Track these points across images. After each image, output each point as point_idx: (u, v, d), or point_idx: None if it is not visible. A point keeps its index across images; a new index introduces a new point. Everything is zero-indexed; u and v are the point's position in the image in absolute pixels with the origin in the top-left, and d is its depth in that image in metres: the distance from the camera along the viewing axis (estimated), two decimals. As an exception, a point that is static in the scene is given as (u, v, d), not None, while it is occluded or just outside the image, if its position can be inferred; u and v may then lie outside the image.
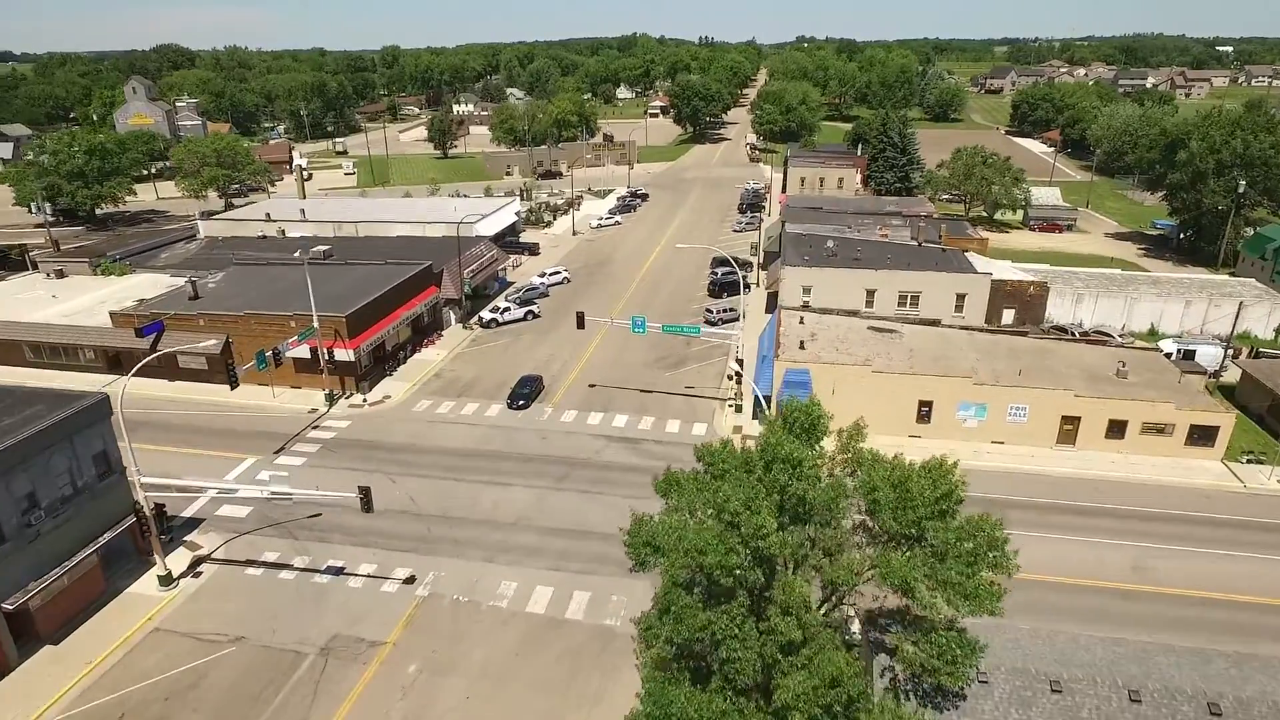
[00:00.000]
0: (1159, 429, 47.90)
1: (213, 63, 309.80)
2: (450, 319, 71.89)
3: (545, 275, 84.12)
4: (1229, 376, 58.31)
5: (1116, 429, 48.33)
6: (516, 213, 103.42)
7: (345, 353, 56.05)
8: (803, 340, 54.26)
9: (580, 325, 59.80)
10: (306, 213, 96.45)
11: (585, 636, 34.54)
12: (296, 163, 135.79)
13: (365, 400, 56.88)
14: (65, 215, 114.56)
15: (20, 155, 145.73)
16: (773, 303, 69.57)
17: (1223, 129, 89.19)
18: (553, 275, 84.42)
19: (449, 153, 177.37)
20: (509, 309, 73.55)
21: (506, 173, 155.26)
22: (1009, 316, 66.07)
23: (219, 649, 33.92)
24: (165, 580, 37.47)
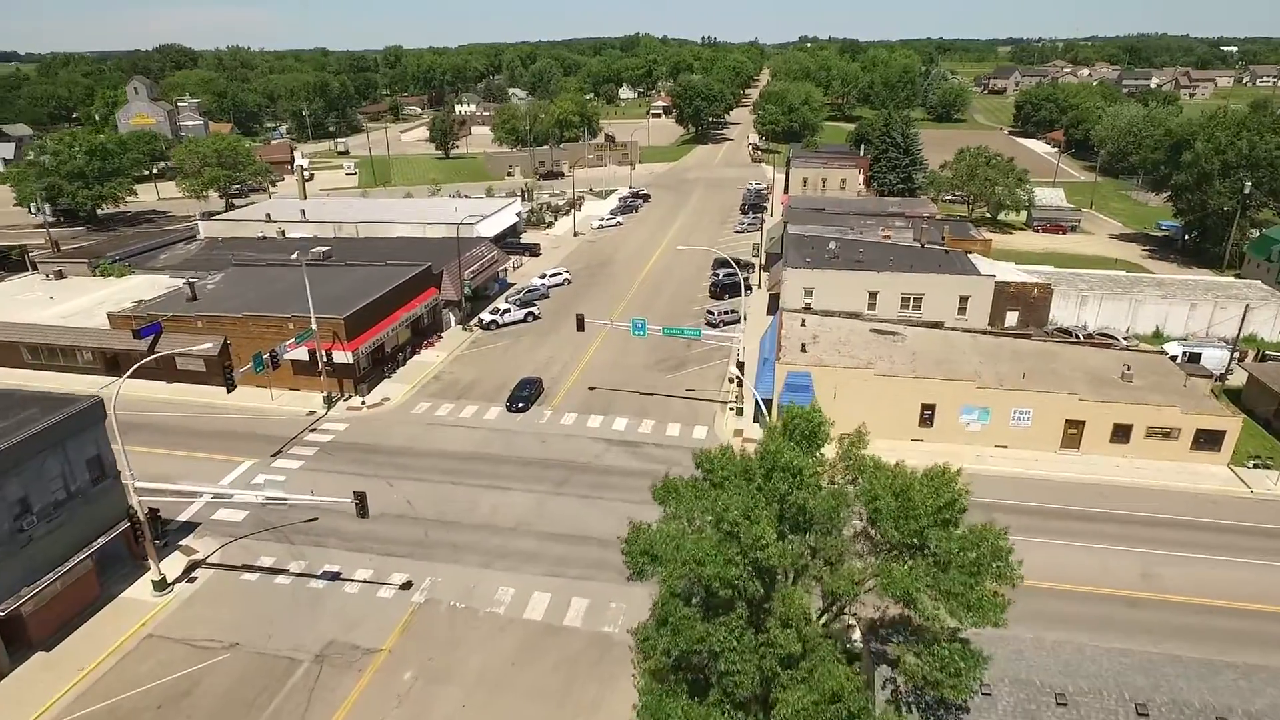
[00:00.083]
0: (1164, 433, 47.42)
1: (215, 63, 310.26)
2: (450, 320, 71.50)
3: (546, 276, 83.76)
4: (1235, 380, 57.77)
5: (1121, 433, 47.84)
6: (518, 213, 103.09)
7: (344, 355, 55.67)
8: (804, 343, 53.80)
9: (580, 328, 59.44)
10: (307, 213, 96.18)
11: (583, 644, 34.14)
12: (298, 163, 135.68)
13: (364, 403, 56.53)
14: (66, 216, 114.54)
15: (21, 156, 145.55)
16: (774, 304, 69.16)
17: (1228, 129, 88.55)
18: (553, 276, 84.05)
19: (450, 153, 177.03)
20: (509, 310, 73.15)
21: (508, 173, 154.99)
22: (1012, 319, 65.60)
23: (213, 655, 33.56)
24: (160, 585, 37.13)
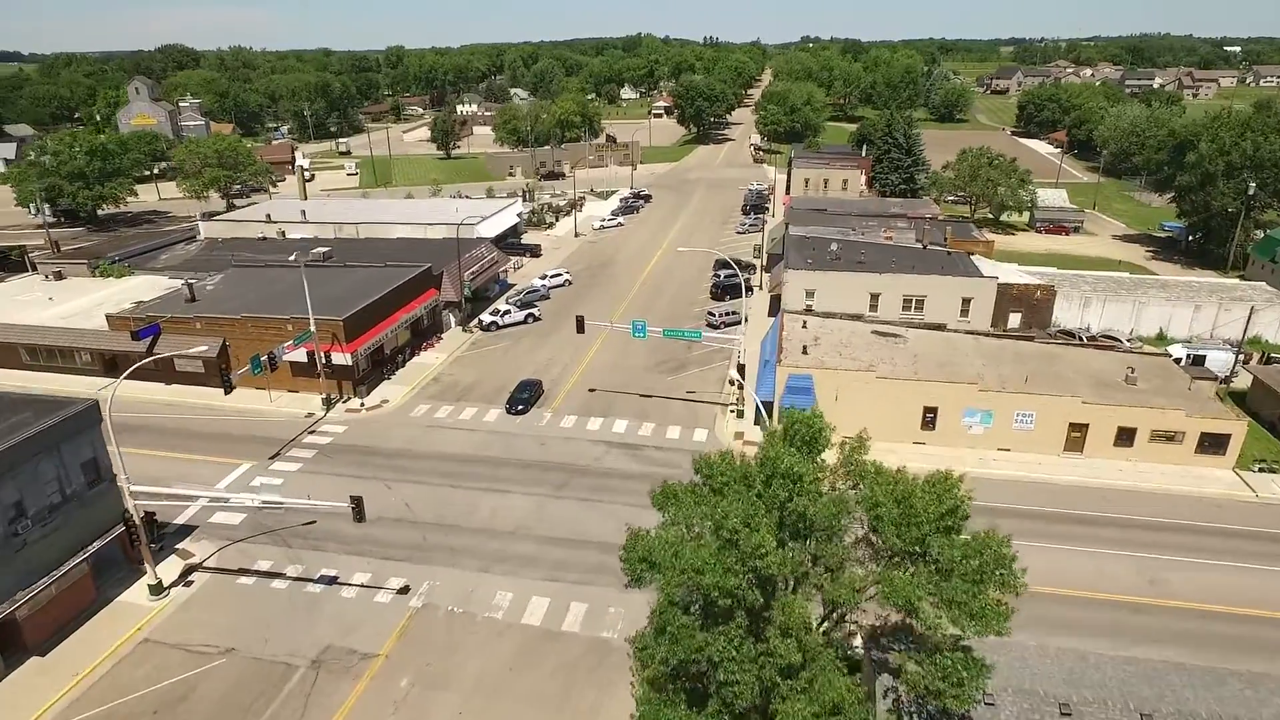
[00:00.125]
0: (1169, 437, 47.04)
1: (217, 63, 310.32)
2: (450, 322, 71.25)
3: (546, 277, 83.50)
4: (1240, 382, 57.37)
5: (1125, 436, 47.49)
6: (518, 214, 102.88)
7: (343, 356, 55.42)
8: (805, 345, 53.49)
9: (580, 330, 59.15)
10: (307, 214, 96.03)
11: (582, 649, 33.85)
12: (299, 163, 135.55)
13: (363, 404, 56.28)
14: (67, 216, 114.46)
15: (22, 156, 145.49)
16: (776, 306, 68.83)
17: (1232, 130, 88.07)
18: (554, 277, 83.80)
19: (452, 153, 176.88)
20: (509, 311, 72.88)
21: (509, 173, 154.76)
22: (1015, 320, 65.21)
23: (209, 660, 33.31)
24: (156, 589, 36.89)
